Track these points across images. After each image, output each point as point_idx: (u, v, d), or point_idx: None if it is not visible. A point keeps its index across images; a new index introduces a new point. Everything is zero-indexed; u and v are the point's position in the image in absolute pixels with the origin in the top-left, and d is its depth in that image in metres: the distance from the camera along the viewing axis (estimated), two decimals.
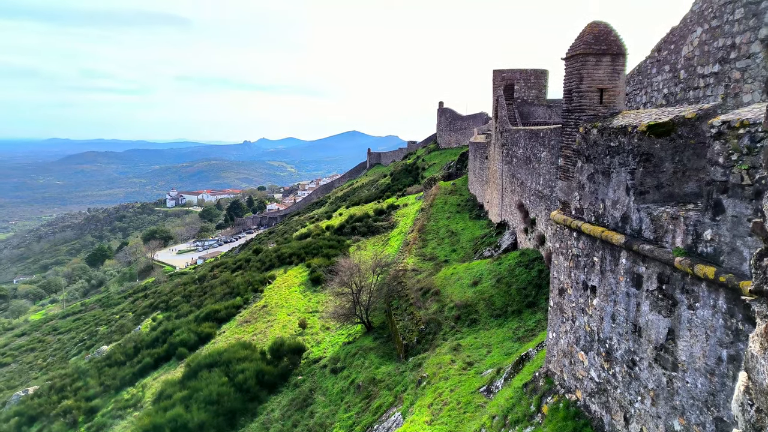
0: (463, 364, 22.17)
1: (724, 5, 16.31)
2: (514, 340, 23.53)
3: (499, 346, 23.08)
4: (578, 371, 13.55)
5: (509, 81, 39.60)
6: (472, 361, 22.45)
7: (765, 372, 1.80)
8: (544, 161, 26.09)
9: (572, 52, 14.31)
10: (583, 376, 13.33)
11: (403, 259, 34.89)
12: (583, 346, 13.22)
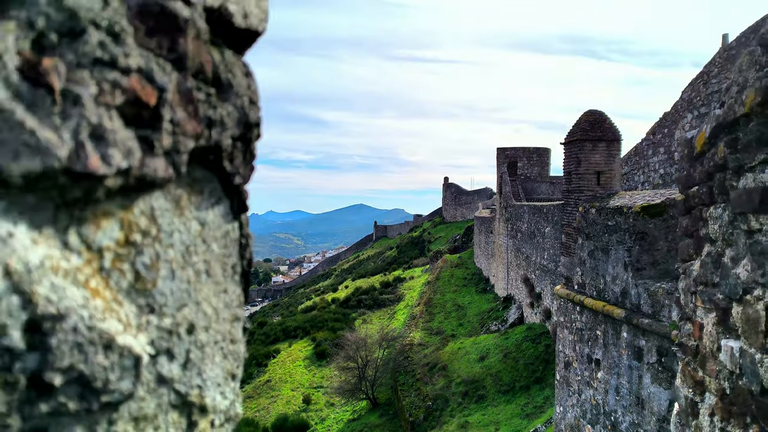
0: None
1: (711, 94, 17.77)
2: (522, 417, 23.57)
3: (508, 423, 23.09)
4: None
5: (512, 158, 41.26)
6: None
7: (683, 397, 2.62)
8: (548, 236, 27.01)
9: (570, 138, 15.56)
10: None
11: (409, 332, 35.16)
12: (589, 419, 13.58)
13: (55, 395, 0.48)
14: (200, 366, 0.70)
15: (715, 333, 2.23)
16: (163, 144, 0.60)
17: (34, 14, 0.43)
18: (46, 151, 0.44)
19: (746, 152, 2.00)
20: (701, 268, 2.44)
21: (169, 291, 0.64)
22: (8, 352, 0.44)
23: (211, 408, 0.72)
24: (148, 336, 0.60)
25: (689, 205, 2.68)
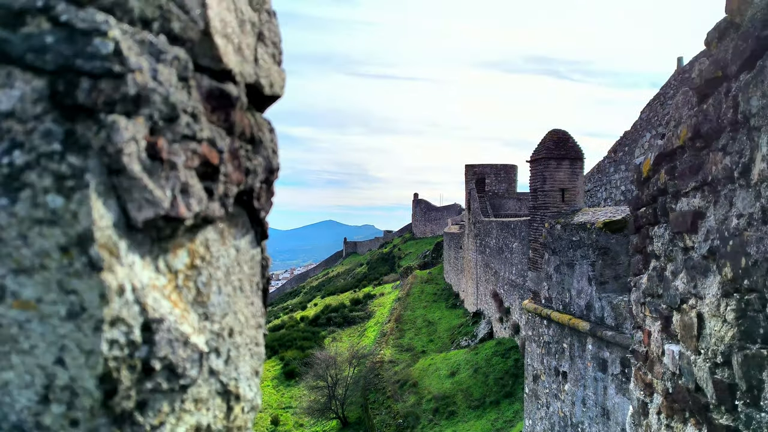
0: None
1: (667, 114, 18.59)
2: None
3: None
4: None
5: (480, 175, 42.04)
6: None
7: (636, 399, 2.89)
8: (516, 251, 27.55)
9: (536, 156, 16.07)
10: None
11: (380, 350, 35.18)
12: (557, 431, 13.90)
13: (154, 377, 0.67)
14: (236, 363, 0.89)
15: (660, 339, 2.50)
16: (219, 191, 0.80)
17: (153, 110, 0.63)
18: (158, 203, 0.64)
19: (682, 179, 2.29)
20: (648, 281, 2.72)
21: (217, 303, 0.84)
22: (132, 344, 0.62)
23: (242, 397, 0.91)
24: (204, 337, 0.80)
25: (638, 225, 2.97)
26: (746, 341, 1.63)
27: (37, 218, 0.55)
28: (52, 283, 0.56)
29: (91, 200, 0.57)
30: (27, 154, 0.55)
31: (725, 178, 1.86)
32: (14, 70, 0.55)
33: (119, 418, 0.61)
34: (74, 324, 0.57)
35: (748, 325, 1.63)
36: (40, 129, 0.55)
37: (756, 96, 1.63)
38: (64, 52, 0.55)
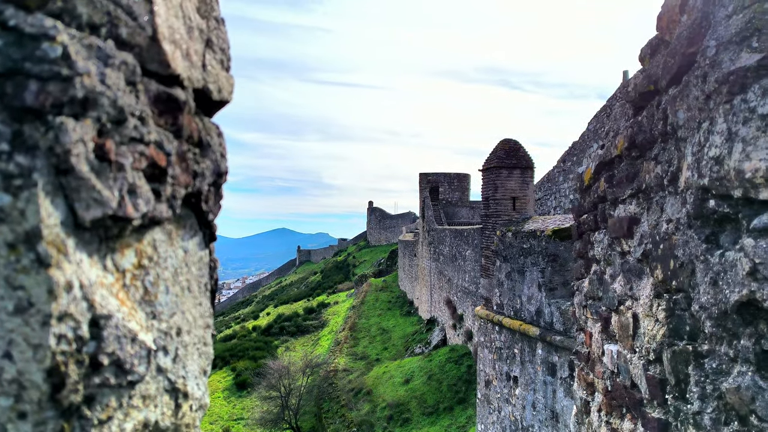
0: None
1: None
2: None
3: None
4: None
5: (434, 183, 42.56)
6: None
7: (579, 398, 3.02)
8: (469, 259, 27.97)
9: (488, 165, 16.42)
10: None
11: (334, 358, 35.00)
12: None
13: (102, 372, 0.68)
14: (185, 361, 0.91)
15: (600, 340, 2.62)
16: (167, 193, 0.82)
17: (101, 112, 0.65)
18: (105, 203, 0.66)
19: (619, 187, 2.42)
20: (589, 285, 2.85)
21: (165, 302, 0.86)
22: (80, 339, 0.64)
23: (191, 395, 0.93)
24: (152, 335, 0.82)
25: (580, 231, 3.10)
26: (674, 338, 1.75)
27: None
28: (0, 279, 0.57)
29: (39, 199, 0.59)
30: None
31: (657, 185, 1.98)
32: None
33: (67, 411, 0.63)
34: (22, 319, 0.58)
35: (675, 323, 1.74)
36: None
37: (682, 109, 1.75)
38: (13, 55, 0.57)
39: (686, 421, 1.63)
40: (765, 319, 1.28)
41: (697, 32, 1.70)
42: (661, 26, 2.07)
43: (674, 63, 1.85)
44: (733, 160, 1.38)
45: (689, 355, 1.61)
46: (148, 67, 0.79)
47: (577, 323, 3.17)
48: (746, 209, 1.35)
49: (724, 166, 1.43)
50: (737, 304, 1.34)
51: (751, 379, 1.31)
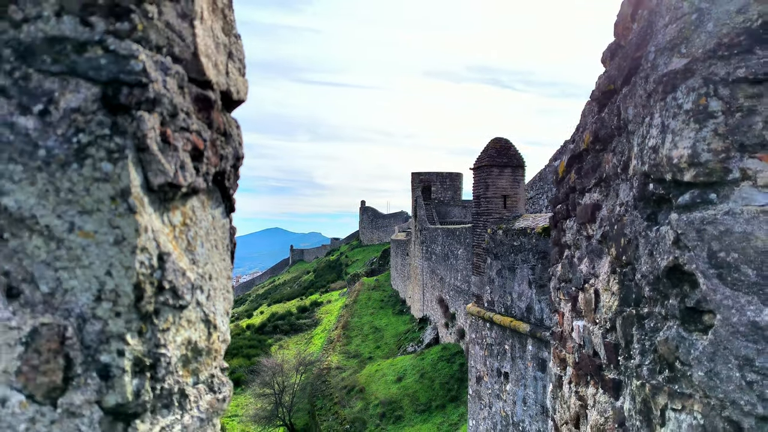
0: None
1: None
2: None
3: None
4: None
5: (427, 183, 42.92)
6: None
7: (553, 374, 3.31)
8: (461, 257, 28.28)
9: (479, 164, 16.71)
10: None
11: (327, 356, 35.24)
12: (499, 430, 14.48)
13: (164, 293, 0.94)
14: (214, 300, 1.18)
15: (570, 317, 2.91)
16: (203, 170, 1.09)
17: (163, 108, 0.91)
18: (167, 173, 0.92)
19: (586, 177, 2.70)
20: (562, 269, 3.13)
21: (200, 253, 1.13)
22: (152, 267, 0.90)
23: (218, 328, 1.20)
24: (193, 275, 1.08)
25: (555, 220, 3.39)
26: (624, 306, 2.03)
27: (95, 177, 0.82)
28: (104, 221, 0.83)
29: (129, 167, 0.84)
30: (88, 136, 0.82)
31: (614, 174, 2.27)
32: (80, 81, 0.82)
33: (144, 316, 0.88)
34: (118, 248, 0.84)
35: (625, 292, 2.02)
36: (96, 119, 0.82)
37: (631, 106, 2.03)
38: (112, 69, 0.83)
39: (631, 374, 1.91)
40: (687, 280, 1.56)
41: (643, 39, 1.99)
42: (617, 32, 2.35)
43: (626, 65, 2.14)
44: (665, 148, 1.66)
45: (633, 318, 1.89)
46: (191, 75, 1.05)
47: (553, 306, 3.46)
48: (675, 190, 1.63)
49: (659, 154, 1.71)
50: (666, 269, 1.62)
51: (676, 332, 1.59)
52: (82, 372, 0.83)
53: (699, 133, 1.52)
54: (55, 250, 0.83)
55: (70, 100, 0.82)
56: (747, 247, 1.41)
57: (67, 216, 0.83)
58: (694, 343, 1.50)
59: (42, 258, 0.82)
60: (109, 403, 0.85)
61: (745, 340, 1.39)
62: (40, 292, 0.82)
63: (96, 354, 0.84)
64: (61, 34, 0.81)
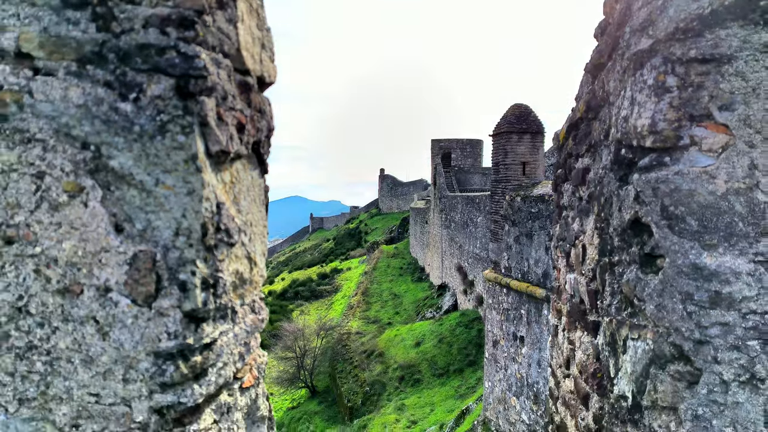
0: (408, 423, 23.35)
1: None
2: (456, 398, 24.93)
3: (442, 404, 24.41)
4: (511, 415, 15.23)
5: (446, 150, 42.95)
6: (416, 419, 23.66)
7: (552, 325, 3.64)
8: (480, 225, 28.52)
9: (498, 130, 16.81)
10: (515, 419, 15.01)
11: (347, 322, 36.04)
12: (515, 392, 14.98)
13: (221, 233, 1.28)
14: (254, 242, 1.52)
15: (565, 272, 3.22)
16: (245, 140, 1.42)
17: (217, 94, 1.24)
18: (221, 143, 1.25)
19: (580, 144, 2.98)
20: (560, 228, 3.43)
21: (244, 205, 1.47)
22: (212, 212, 1.23)
23: (257, 264, 1.55)
24: (239, 221, 1.42)
25: (556, 183, 3.67)
26: (602, 256, 2.33)
27: (173, 146, 1.15)
28: (180, 178, 1.16)
29: (196, 138, 1.17)
30: (167, 115, 1.15)
31: (599, 140, 2.55)
32: (161, 75, 1.14)
33: (207, 248, 1.22)
34: (190, 198, 1.17)
35: (602, 245, 2.33)
36: (172, 103, 1.14)
37: (612, 79, 2.30)
38: (183, 66, 1.15)
39: (603, 313, 2.23)
40: (645, 231, 1.86)
41: (623, 19, 2.24)
42: (605, 11, 2.60)
43: (610, 42, 2.40)
44: (633, 118, 1.95)
45: (607, 265, 2.20)
46: (235, 66, 1.37)
47: (553, 263, 3.77)
48: (639, 154, 1.92)
49: (628, 123, 1.99)
50: (629, 222, 1.92)
51: (635, 274, 1.90)
52: (168, 285, 1.17)
53: (657, 105, 1.80)
54: (146, 198, 1.16)
55: (154, 90, 1.15)
56: (691, 201, 1.70)
57: (154, 174, 1.16)
58: (648, 283, 1.81)
59: (137, 204, 1.16)
60: (186, 308, 1.20)
61: (687, 278, 1.70)
62: (136, 228, 1.16)
63: (176, 273, 1.18)
64: (147, 41, 1.13)
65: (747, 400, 1.63)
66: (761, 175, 1.60)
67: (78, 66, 1.13)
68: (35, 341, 1.15)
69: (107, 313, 1.16)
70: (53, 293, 1.15)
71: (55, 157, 1.13)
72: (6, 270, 1.14)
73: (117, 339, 1.17)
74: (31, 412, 1.16)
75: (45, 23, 1.12)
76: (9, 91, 1.11)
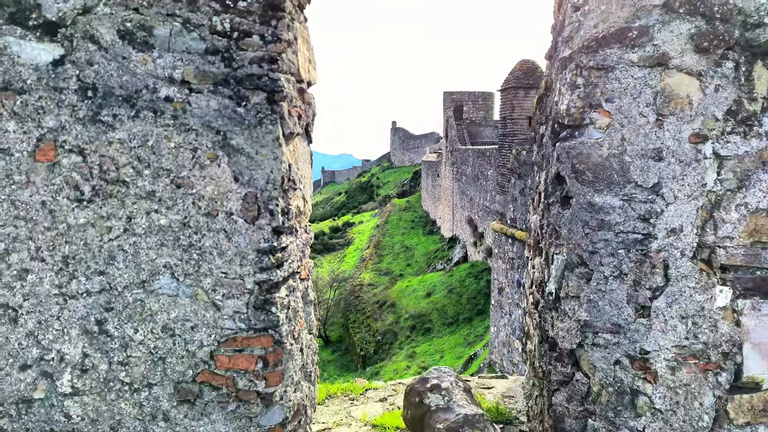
0: (418, 369, 24.85)
1: None
2: (465, 345, 26.33)
3: (452, 351, 25.85)
4: (514, 357, 16.50)
5: (458, 102, 43.39)
6: (426, 366, 25.15)
7: (526, 256, 4.62)
8: (491, 179, 29.33)
9: (506, 85, 17.49)
10: (518, 360, 16.27)
11: (359, 274, 37.43)
12: (518, 335, 16.17)
13: (291, 181, 2.25)
14: (306, 188, 2.49)
15: (533, 213, 4.18)
16: (300, 124, 2.37)
17: (288, 99, 2.16)
18: (289, 127, 2.20)
19: (542, 115, 3.88)
20: (530, 180, 4.36)
21: (300, 165, 2.43)
22: (286, 170, 2.19)
23: (307, 202, 2.52)
24: (299, 175, 2.39)
25: (531, 144, 4.59)
26: (545, 199, 3.28)
27: (266, 132, 2.09)
28: (269, 149, 2.10)
29: (278, 127, 2.13)
30: (262, 114, 2.08)
31: (547, 114, 3.46)
32: (260, 92, 2.07)
33: (284, 191, 2.18)
34: (275, 160, 2.12)
35: (545, 191, 3.27)
36: (265, 107, 2.10)
37: (552, 72, 3.19)
38: (271, 85, 2.07)
39: (545, 240, 3.19)
40: (563, 181, 2.80)
41: (559, 30, 3.12)
42: (554, 17, 3.47)
43: (553, 44, 3.29)
44: (559, 104, 2.86)
45: (546, 205, 3.15)
46: (296, 78, 2.31)
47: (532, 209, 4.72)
48: (561, 129, 2.84)
49: (557, 106, 2.90)
50: (554, 174, 2.86)
51: (557, 210, 2.85)
52: (263, 212, 2.14)
53: (571, 96, 2.71)
54: (250, 162, 2.13)
55: (255, 100, 2.10)
56: (588, 161, 2.64)
57: (255, 147, 2.12)
58: (564, 215, 2.77)
59: (245, 165, 2.13)
60: (273, 225, 2.18)
61: (585, 212, 2.65)
62: (245, 179, 2.13)
63: (267, 205, 2.15)
64: (252, 72, 2.08)
65: (617, 287, 2.61)
66: (627, 144, 2.53)
67: (214, 87, 2.08)
68: (193, 242, 2.14)
69: (231, 227, 2.15)
70: (202, 215, 2.13)
71: (202, 139, 2.09)
72: (177, 202, 2.11)
73: (237, 242, 2.16)
74: (190, 281, 2.16)
75: (196, 64, 2.05)
76: (179, 102, 2.05)
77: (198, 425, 2.18)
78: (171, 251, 2.13)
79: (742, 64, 2.50)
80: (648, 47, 2.51)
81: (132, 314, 2.12)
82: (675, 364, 2.59)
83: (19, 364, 2.06)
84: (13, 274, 2.03)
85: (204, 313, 2.16)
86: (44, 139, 2.00)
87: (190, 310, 2.15)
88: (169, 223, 2.12)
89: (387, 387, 4.73)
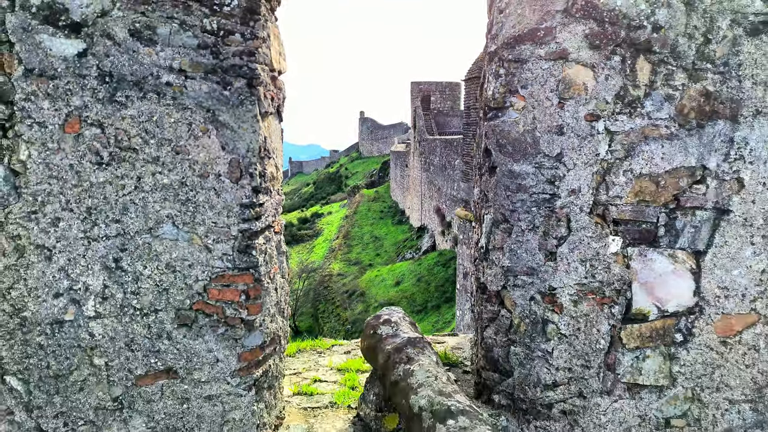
0: None
1: None
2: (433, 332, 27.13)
3: None
4: None
5: (426, 92, 44.15)
6: None
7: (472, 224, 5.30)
8: (458, 168, 30.16)
9: (470, 75, 18.21)
10: None
11: (329, 264, 38.00)
12: None
13: (266, 150, 2.86)
14: (277, 157, 3.11)
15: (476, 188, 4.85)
16: (273, 104, 2.98)
17: (263, 84, 2.77)
18: (265, 107, 2.80)
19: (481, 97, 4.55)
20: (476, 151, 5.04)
21: (273, 139, 3.04)
22: (263, 141, 2.80)
23: (279, 169, 3.14)
24: (272, 146, 3.00)
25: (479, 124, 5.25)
26: (480, 171, 3.94)
27: (246, 110, 2.65)
28: (249, 124, 2.68)
29: (256, 106, 2.70)
30: (243, 96, 2.68)
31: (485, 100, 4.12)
32: (241, 78, 2.68)
33: (261, 158, 2.78)
34: (254, 134, 2.70)
35: (480, 163, 3.93)
36: (245, 90, 2.68)
37: (485, 62, 3.85)
38: (250, 74, 2.67)
39: (480, 205, 3.86)
40: (490, 154, 3.46)
41: (490, 27, 3.78)
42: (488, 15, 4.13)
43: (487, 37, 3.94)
44: (487, 90, 3.52)
45: (480, 176, 3.82)
46: (270, 68, 2.92)
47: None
48: (488, 110, 3.50)
49: (486, 92, 3.56)
50: (483, 148, 3.53)
51: (486, 178, 3.51)
52: (245, 174, 2.76)
53: (495, 83, 3.37)
54: (234, 134, 2.72)
55: (237, 85, 2.69)
56: (509, 137, 3.31)
57: (237, 122, 2.71)
58: (490, 181, 3.44)
59: (230, 137, 2.72)
60: (253, 185, 2.78)
61: (506, 178, 3.32)
62: (230, 147, 2.73)
63: (248, 168, 2.75)
64: (235, 63, 2.68)
65: (531, 238, 3.29)
66: (537, 122, 3.21)
67: (205, 74, 2.68)
68: (189, 197, 2.73)
69: (219, 186, 2.75)
70: (196, 176, 2.73)
71: (196, 115, 2.69)
72: (177, 166, 2.71)
73: (224, 198, 2.76)
74: (187, 228, 2.76)
75: (191, 56, 2.64)
76: (177, 86, 2.64)
77: (194, 344, 2.79)
78: (172, 204, 2.72)
79: (628, 58, 3.19)
80: (552, 44, 3.19)
81: (142, 254, 2.71)
82: (576, 298, 3.30)
83: (53, 293, 2.64)
84: (48, 222, 2.60)
85: (198, 254, 2.76)
86: (71, 115, 2.57)
87: (188, 252, 2.75)
88: (170, 182, 2.71)
89: (351, 343, 5.39)
